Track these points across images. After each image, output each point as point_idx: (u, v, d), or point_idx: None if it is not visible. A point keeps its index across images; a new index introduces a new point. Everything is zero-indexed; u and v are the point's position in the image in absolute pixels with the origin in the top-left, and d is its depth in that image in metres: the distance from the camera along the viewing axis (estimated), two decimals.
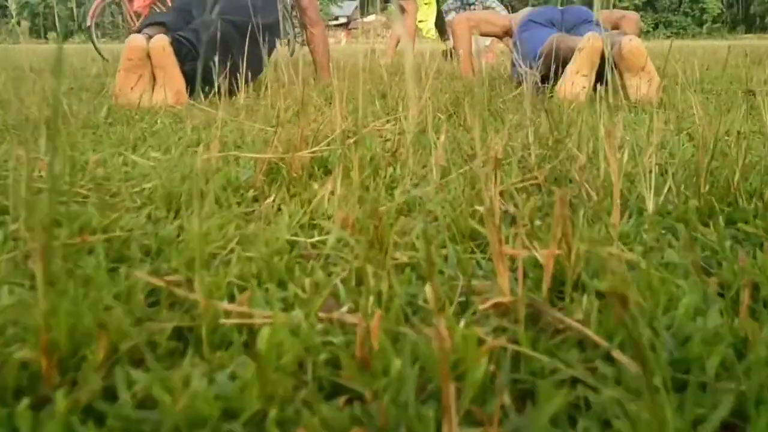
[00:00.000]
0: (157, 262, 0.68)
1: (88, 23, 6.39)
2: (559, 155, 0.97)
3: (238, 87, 2.04)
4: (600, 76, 2.30)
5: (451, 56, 4.76)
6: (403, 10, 4.66)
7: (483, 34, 3.13)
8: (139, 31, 2.25)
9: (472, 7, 5.43)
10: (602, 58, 2.23)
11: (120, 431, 0.40)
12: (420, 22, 5.58)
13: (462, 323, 0.47)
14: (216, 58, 2.18)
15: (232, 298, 0.58)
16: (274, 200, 0.96)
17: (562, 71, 2.25)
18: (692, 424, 0.39)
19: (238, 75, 2.01)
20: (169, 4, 2.65)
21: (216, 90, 2.10)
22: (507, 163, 1.06)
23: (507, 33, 2.98)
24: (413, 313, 0.54)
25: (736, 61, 4.07)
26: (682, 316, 0.51)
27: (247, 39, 2.30)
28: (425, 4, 5.70)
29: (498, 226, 0.55)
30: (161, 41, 2.16)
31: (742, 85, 2.66)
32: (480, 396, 0.42)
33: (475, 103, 1.65)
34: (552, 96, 2.18)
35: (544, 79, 2.32)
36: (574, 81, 2.21)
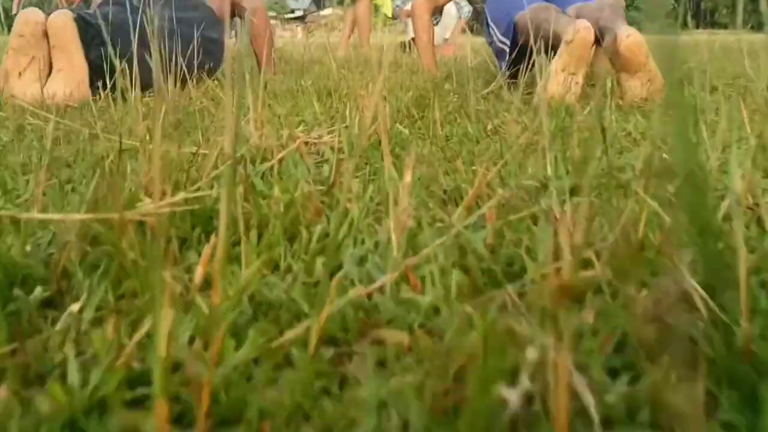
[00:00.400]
0: None
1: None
2: (624, 210, 0.52)
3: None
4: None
5: (409, 48, 4.33)
6: None
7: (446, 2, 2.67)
8: None
9: None
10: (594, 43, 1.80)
11: None
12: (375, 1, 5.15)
13: None
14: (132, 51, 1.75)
15: None
16: (81, 311, 0.48)
17: (545, 55, 1.81)
18: None
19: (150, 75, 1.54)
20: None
21: (110, 85, 1.61)
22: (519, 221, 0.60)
23: None
24: None
25: (710, 56, 3.72)
26: None
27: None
28: None
29: None
30: (63, 16, 1.71)
31: (749, 81, 2.26)
32: None
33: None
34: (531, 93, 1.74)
35: (521, 57, 1.86)
36: (563, 80, 1.78)
